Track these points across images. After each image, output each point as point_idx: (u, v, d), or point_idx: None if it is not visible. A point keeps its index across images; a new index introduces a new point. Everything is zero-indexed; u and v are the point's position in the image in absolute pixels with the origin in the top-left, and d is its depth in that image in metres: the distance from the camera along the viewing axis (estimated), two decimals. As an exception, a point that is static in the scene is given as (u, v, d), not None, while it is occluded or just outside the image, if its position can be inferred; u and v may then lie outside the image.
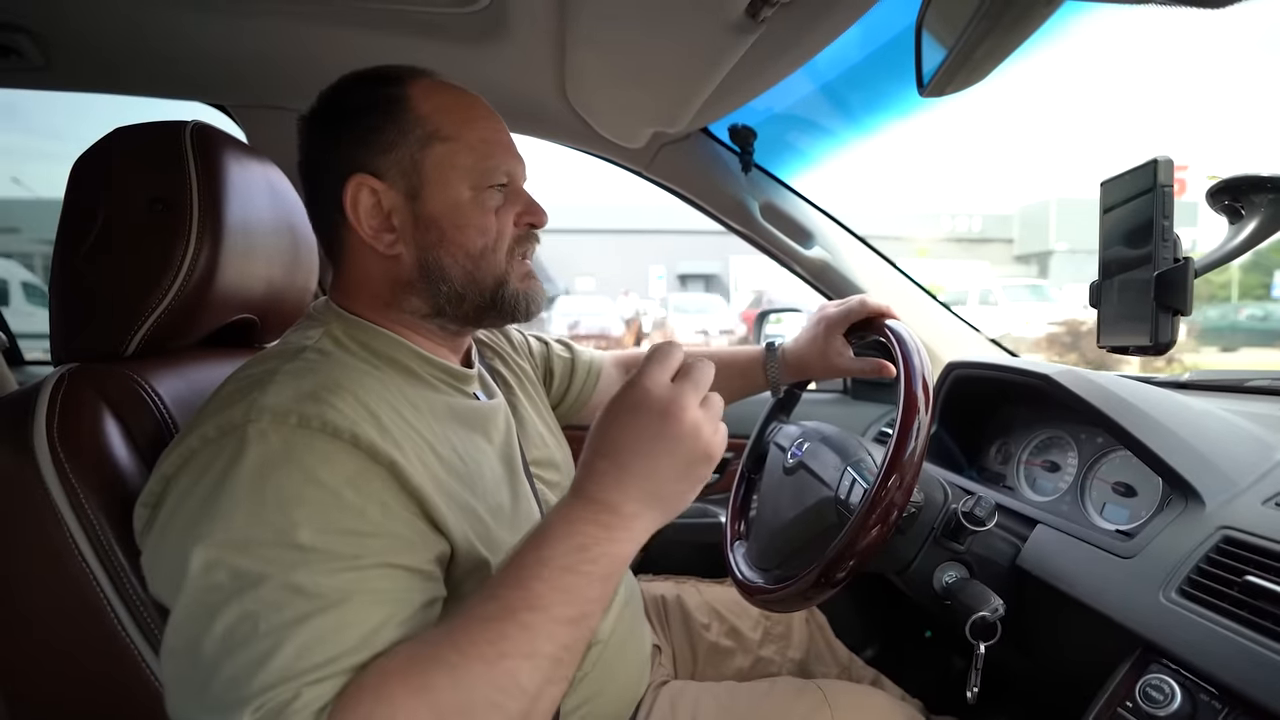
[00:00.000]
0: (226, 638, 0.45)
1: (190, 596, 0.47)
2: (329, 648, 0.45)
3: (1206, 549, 0.61)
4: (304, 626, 0.45)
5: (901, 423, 0.66)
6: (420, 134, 0.62)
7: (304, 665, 0.44)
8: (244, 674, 0.44)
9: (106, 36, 0.96)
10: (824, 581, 0.67)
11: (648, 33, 0.77)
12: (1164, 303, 0.61)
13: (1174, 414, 0.75)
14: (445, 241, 0.63)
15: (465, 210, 0.63)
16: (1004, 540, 0.78)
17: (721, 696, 0.81)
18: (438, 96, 0.64)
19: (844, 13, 0.66)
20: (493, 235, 0.65)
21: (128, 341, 0.66)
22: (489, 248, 0.65)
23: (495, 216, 0.65)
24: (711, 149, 1.24)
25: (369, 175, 0.62)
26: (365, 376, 0.58)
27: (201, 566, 0.46)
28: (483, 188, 0.64)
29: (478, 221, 0.64)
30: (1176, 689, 0.55)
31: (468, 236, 0.64)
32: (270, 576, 0.46)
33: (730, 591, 1.04)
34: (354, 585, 0.48)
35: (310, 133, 0.65)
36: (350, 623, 0.46)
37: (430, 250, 0.64)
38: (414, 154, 0.62)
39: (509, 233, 0.66)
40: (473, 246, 0.64)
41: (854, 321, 0.90)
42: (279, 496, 0.48)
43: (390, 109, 0.62)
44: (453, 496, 0.57)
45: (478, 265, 0.64)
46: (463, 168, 0.63)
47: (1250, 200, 0.63)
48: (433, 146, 0.62)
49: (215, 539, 0.47)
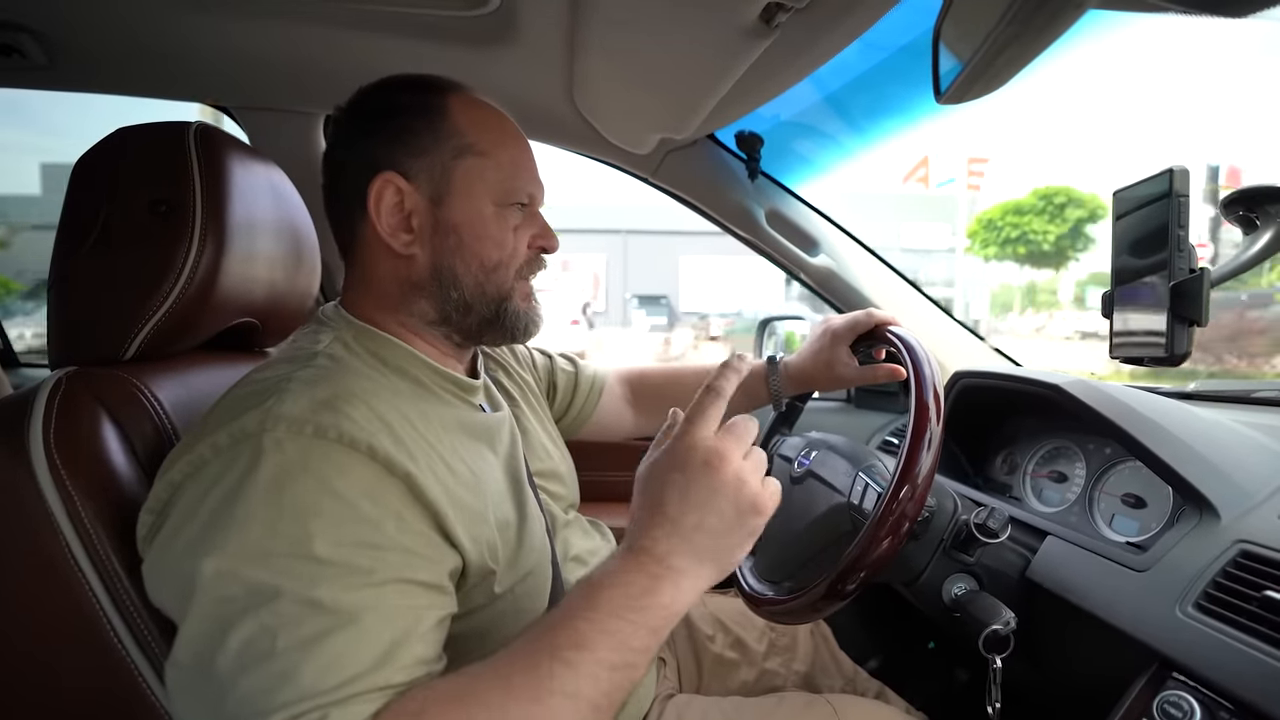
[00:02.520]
0: (243, 652, 0.44)
1: (202, 609, 0.46)
2: (348, 666, 0.45)
3: (1224, 563, 0.60)
4: (323, 644, 0.45)
5: (913, 432, 0.65)
6: (455, 144, 0.64)
7: (326, 684, 0.44)
8: (263, 691, 0.43)
9: (109, 37, 0.95)
10: (834, 593, 0.66)
11: (659, 38, 0.76)
12: (1179, 313, 0.61)
13: (1185, 425, 0.75)
14: (462, 249, 0.64)
15: (486, 223, 0.65)
16: (1013, 552, 0.77)
17: (729, 711, 0.79)
18: (475, 112, 0.66)
19: (859, 18, 0.65)
20: (508, 251, 0.66)
21: (127, 345, 0.65)
22: (502, 262, 0.66)
23: (513, 234, 0.66)
24: (718, 155, 1.24)
25: (397, 174, 0.62)
26: (378, 386, 0.57)
27: (214, 578, 0.46)
28: (505, 205, 0.66)
29: (496, 235, 0.65)
30: (1196, 706, 0.54)
31: (485, 248, 0.65)
32: (286, 590, 0.45)
33: (735, 602, 1.03)
34: (370, 601, 0.47)
35: (343, 126, 0.66)
36: (367, 640, 0.46)
37: (446, 255, 0.64)
38: (445, 162, 0.63)
39: (522, 253, 0.67)
40: (488, 259, 0.65)
41: (861, 332, 0.90)
42: (295, 507, 0.47)
43: (430, 115, 0.64)
44: (464, 509, 0.56)
45: (489, 277, 0.65)
46: (489, 182, 0.65)
47: (1265, 211, 0.63)
48: (465, 158, 0.64)
49: (229, 550, 0.46)
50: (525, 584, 0.62)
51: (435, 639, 0.51)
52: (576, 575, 0.76)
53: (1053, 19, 0.38)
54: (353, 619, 0.46)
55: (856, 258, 1.30)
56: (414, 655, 0.48)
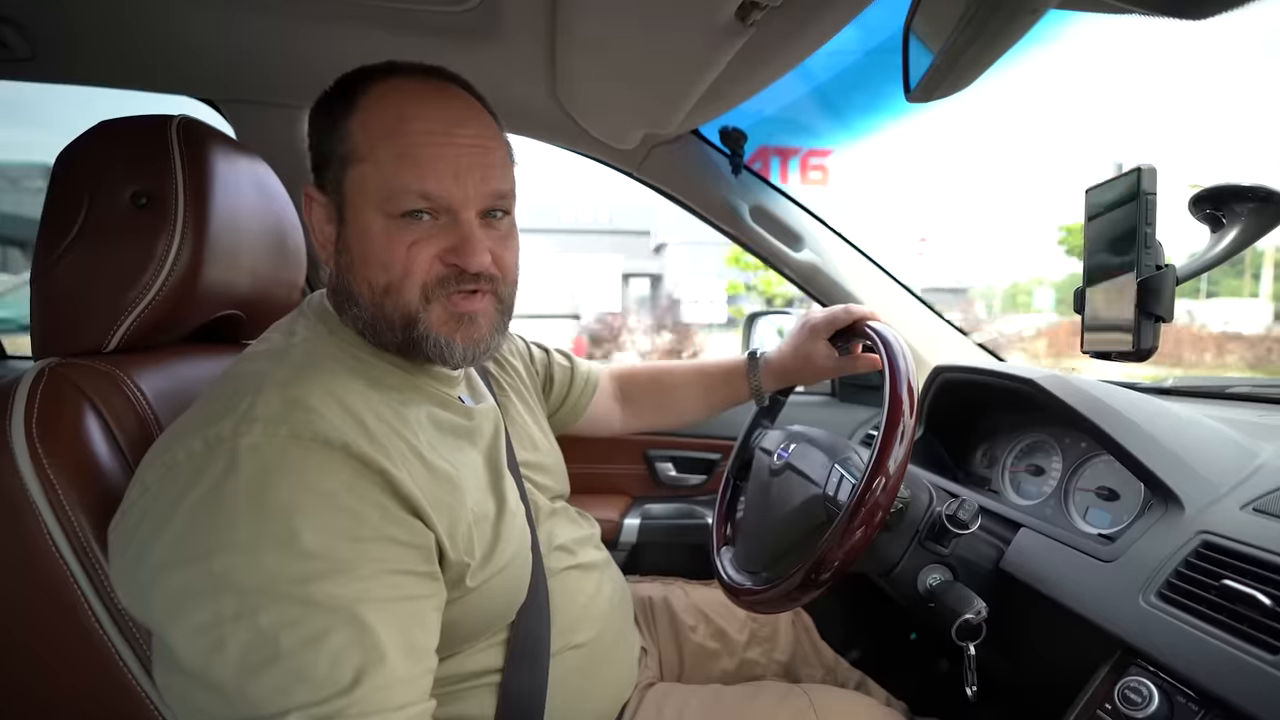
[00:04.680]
0: (244, 657, 0.44)
1: (192, 616, 0.45)
2: (353, 660, 0.45)
3: (1185, 553, 0.61)
4: (327, 641, 0.45)
5: (886, 425, 0.66)
6: (343, 152, 0.58)
7: (340, 682, 0.45)
8: (277, 690, 0.44)
9: (94, 28, 0.95)
10: (809, 582, 0.67)
11: (638, 34, 0.77)
12: (1147, 309, 0.62)
13: (1156, 419, 0.76)
14: (354, 269, 0.60)
15: (373, 240, 0.58)
16: (987, 543, 0.78)
17: (707, 699, 0.81)
18: (378, 105, 0.58)
19: (833, 17, 0.66)
20: (396, 272, 0.58)
21: (110, 336, 0.65)
22: (391, 285, 0.58)
23: (407, 251, 0.58)
24: (702, 151, 1.24)
25: (314, 188, 0.62)
26: (352, 380, 0.57)
27: (202, 586, 0.45)
28: (394, 215, 0.57)
29: (382, 254, 0.58)
30: (1155, 691, 0.55)
31: (371, 270, 0.59)
32: (280, 591, 0.45)
33: (717, 593, 1.04)
34: (363, 594, 0.47)
35: None
36: (369, 634, 0.46)
37: (344, 275, 0.61)
38: (337, 174, 0.59)
39: (421, 270, 0.58)
40: (375, 281, 0.59)
41: (839, 327, 0.91)
42: (278, 506, 0.47)
43: (332, 122, 0.59)
44: (440, 504, 0.56)
45: (385, 300, 0.59)
46: (370, 191, 0.58)
47: (1231, 209, 0.64)
48: (351, 167, 0.58)
49: (214, 555, 0.45)
50: (501, 577, 0.63)
51: (435, 626, 0.52)
52: (562, 564, 0.77)
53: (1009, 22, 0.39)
54: (351, 615, 0.46)
55: (840, 253, 1.31)
56: (416, 644, 0.49)
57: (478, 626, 0.63)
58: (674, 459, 1.41)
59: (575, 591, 0.77)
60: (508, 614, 0.67)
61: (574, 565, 0.79)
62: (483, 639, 0.66)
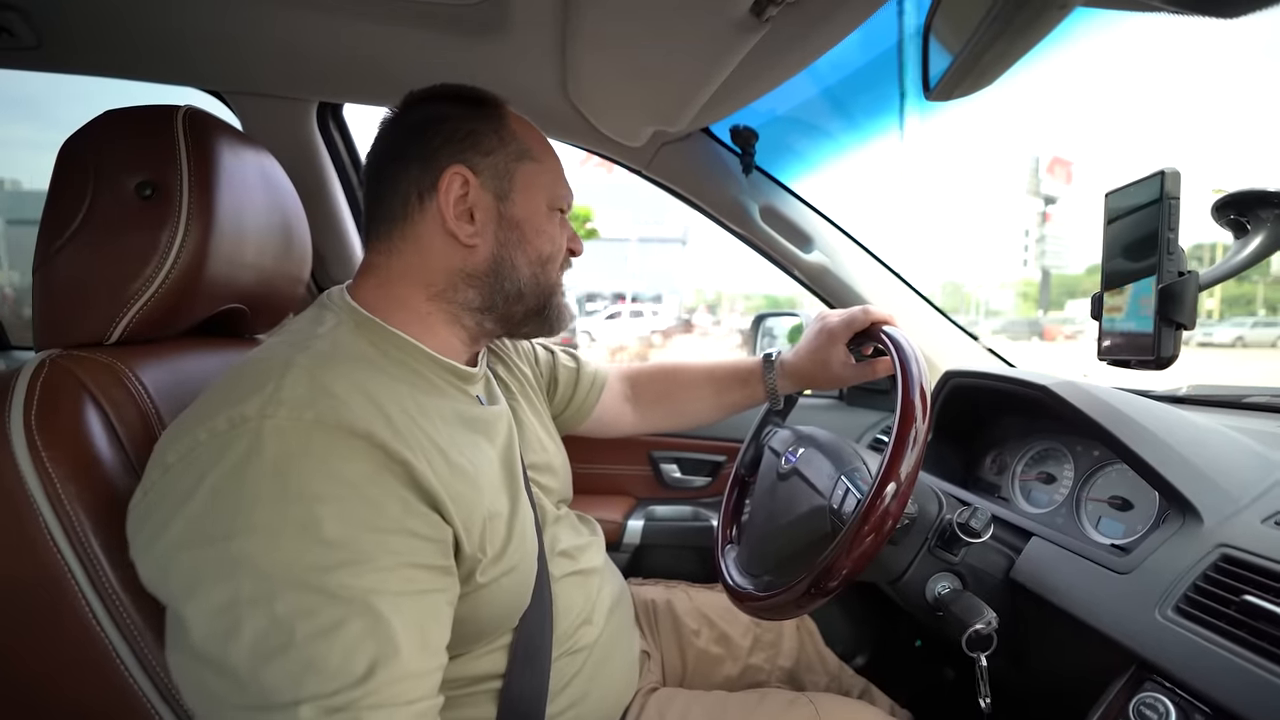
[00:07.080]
0: (259, 643, 0.44)
1: (209, 598, 0.45)
2: (367, 652, 0.45)
3: (1204, 567, 0.60)
4: (340, 632, 0.45)
5: (898, 432, 0.65)
6: (515, 148, 0.70)
7: (353, 674, 0.44)
8: (291, 678, 0.44)
9: (101, 17, 0.94)
10: (816, 590, 0.66)
11: (650, 30, 0.76)
12: (1167, 316, 0.60)
13: (1173, 428, 0.75)
14: (523, 242, 0.70)
15: (542, 220, 0.71)
16: (998, 552, 0.77)
17: (711, 706, 0.80)
18: (523, 124, 0.73)
19: (850, 13, 0.65)
20: (557, 247, 0.73)
21: (112, 328, 0.64)
22: (552, 257, 0.73)
23: (559, 233, 0.74)
24: (712, 149, 1.23)
25: (467, 169, 0.66)
26: (377, 375, 0.57)
27: (221, 567, 0.45)
28: (554, 208, 0.73)
29: (550, 232, 0.72)
30: (1171, 708, 0.54)
31: (542, 242, 0.71)
32: (298, 577, 0.45)
33: (721, 597, 1.03)
34: (380, 586, 0.47)
35: (401, 125, 0.69)
36: (380, 627, 0.46)
37: (508, 248, 0.69)
38: (508, 163, 0.69)
39: (563, 251, 0.75)
40: (543, 252, 0.72)
41: (857, 330, 0.89)
42: (301, 491, 0.46)
43: (494, 120, 0.70)
44: (460, 499, 0.56)
45: (543, 269, 0.72)
46: (543, 186, 0.71)
47: (1256, 215, 0.62)
48: (524, 162, 0.70)
49: (234, 538, 0.45)
50: (510, 577, 0.62)
51: (448, 621, 0.52)
52: (564, 570, 0.76)
53: (1036, 18, 0.38)
54: (367, 606, 0.46)
55: (851, 255, 1.30)
56: (430, 638, 0.48)
57: (484, 627, 0.63)
58: (679, 460, 1.40)
59: (576, 597, 0.76)
60: (513, 616, 0.66)
61: (575, 571, 0.78)
62: (487, 642, 0.65)
